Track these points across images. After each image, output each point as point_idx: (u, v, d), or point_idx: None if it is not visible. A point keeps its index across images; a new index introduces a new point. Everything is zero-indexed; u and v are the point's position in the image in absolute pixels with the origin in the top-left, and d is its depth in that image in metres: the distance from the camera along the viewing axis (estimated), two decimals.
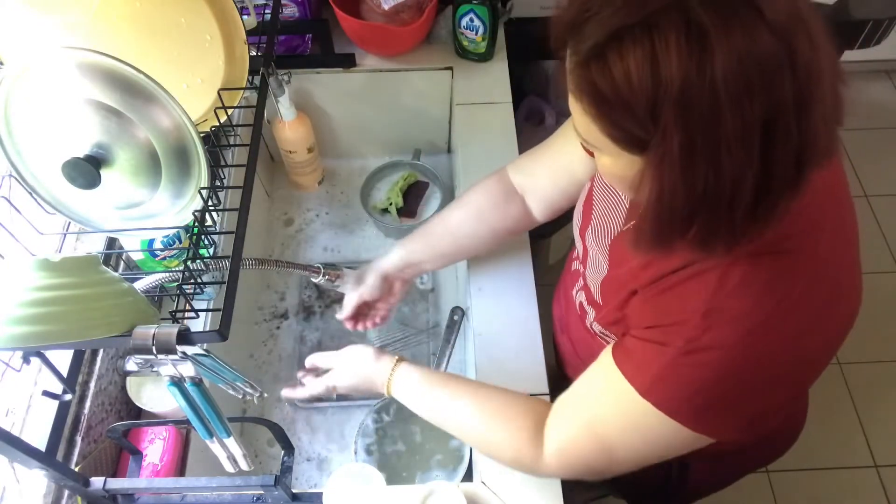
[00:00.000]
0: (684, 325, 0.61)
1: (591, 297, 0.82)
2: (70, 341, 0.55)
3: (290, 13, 1.24)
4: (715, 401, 0.63)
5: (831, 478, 1.79)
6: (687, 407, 0.63)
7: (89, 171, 0.61)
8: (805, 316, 0.60)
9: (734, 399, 0.63)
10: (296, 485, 1.11)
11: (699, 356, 0.61)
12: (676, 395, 0.63)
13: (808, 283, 0.60)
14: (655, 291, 0.65)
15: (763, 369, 0.61)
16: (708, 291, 0.60)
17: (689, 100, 0.46)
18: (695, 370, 0.61)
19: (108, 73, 0.59)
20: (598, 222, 0.80)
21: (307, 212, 1.42)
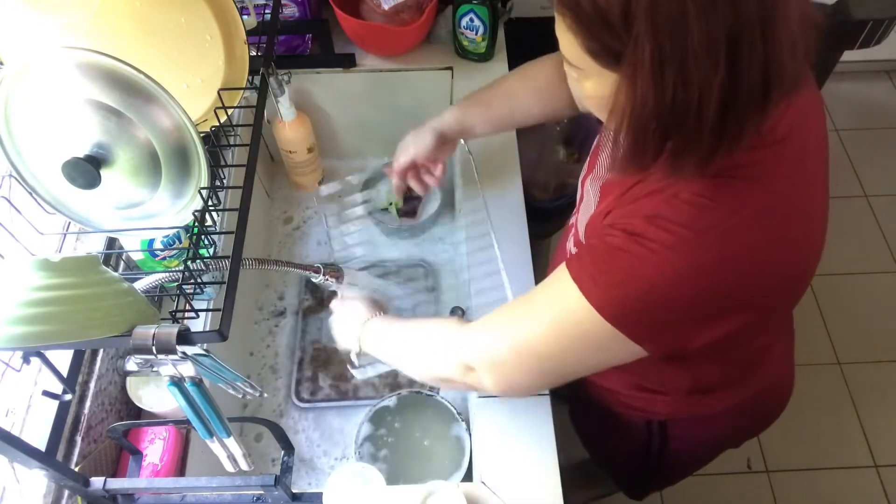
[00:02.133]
0: (630, 225, 0.63)
1: (577, 239, 0.84)
2: (70, 341, 0.55)
3: (290, 13, 1.24)
4: (638, 298, 0.62)
5: (831, 478, 1.79)
6: (609, 295, 0.63)
7: (89, 171, 0.61)
8: (748, 240, 0.61)
9: (656, 301, 0.62)
10: (296, 485, 1.11)
11: (633, 248, 0.61)
12: (602, 281, 0.63)
13: (759, 210, 0.61)
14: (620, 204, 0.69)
15: (692, 280, 0.61)
16: (656, 200, 0.63)
17: (658, 9, 0.49)
18: (625, 261, 0.62)
19: (108, 73, 0.59)
20: (599, 169, 0.82)
21: (307, 211, 1.42)
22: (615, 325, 0.63)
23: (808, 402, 1.90)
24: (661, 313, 0.63)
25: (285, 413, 1.18)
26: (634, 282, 0.62)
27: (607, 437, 0.98)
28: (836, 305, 2.06)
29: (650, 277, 0.61)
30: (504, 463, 0.89)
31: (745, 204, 0.61)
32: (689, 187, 0.61)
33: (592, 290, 0.63)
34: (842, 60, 1.54)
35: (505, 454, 0.90)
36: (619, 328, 0.63)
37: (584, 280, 0.64)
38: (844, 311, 2.05)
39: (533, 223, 1.11)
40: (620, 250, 0.63)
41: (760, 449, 1.83)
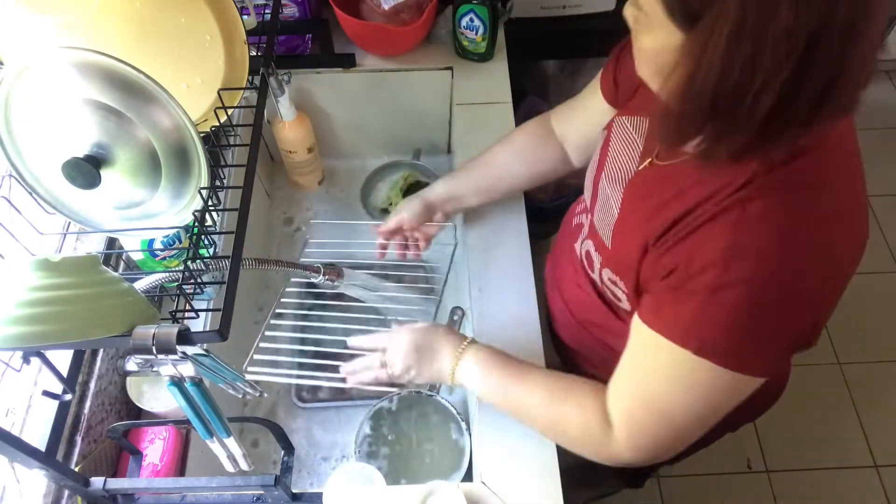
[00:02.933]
0: (706, 266, 0.62)
1: (601, 243, 0.82)
2: (70, 341, 0.55)
3: (290, 13, 1.24)
4: (752, 337, 0.63)
5: (831, 478, 1.79)
6: (726, 348, 0.63)
7: (89, 171, 0.61)
8: (821, 246, 0.61)
9: (768, 332, 0.63)
10: (296, 485, 1.11)
11: (727, 293, 0.61)
12: (713, 338, 0.63)
13: (824, 214, 0.61)
14: (671, 242, 0.66)
15: (789, 299, 0.62)
16: (727, 228, 0.61)
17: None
18: (725, 308, 0.61)
19: (107, 73, 0.59)
20: (612, 166, 0.81)
21: (307, 211, 1.42)
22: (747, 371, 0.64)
23: (808, 402, 1.90)
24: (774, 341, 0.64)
25: (285, 413, 1.18)
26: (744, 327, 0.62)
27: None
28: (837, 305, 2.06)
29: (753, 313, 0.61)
30: (504, 463, 0.89)
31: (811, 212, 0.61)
32: (751, 208, 0.60)
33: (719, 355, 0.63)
34: None
35: (505, 454, 0.90)
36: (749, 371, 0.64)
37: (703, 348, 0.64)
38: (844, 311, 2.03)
39: (533, 223, 1.11)
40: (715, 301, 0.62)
41: (760, 449, 1.83)
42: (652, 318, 0.67)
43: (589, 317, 0.92)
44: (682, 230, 0.65)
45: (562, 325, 1.02)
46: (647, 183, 0.74)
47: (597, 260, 0.84)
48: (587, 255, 0.87)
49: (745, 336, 0.63)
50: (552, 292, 1.03)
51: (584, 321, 0.94)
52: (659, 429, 0.71)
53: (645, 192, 0.74)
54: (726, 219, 0.61)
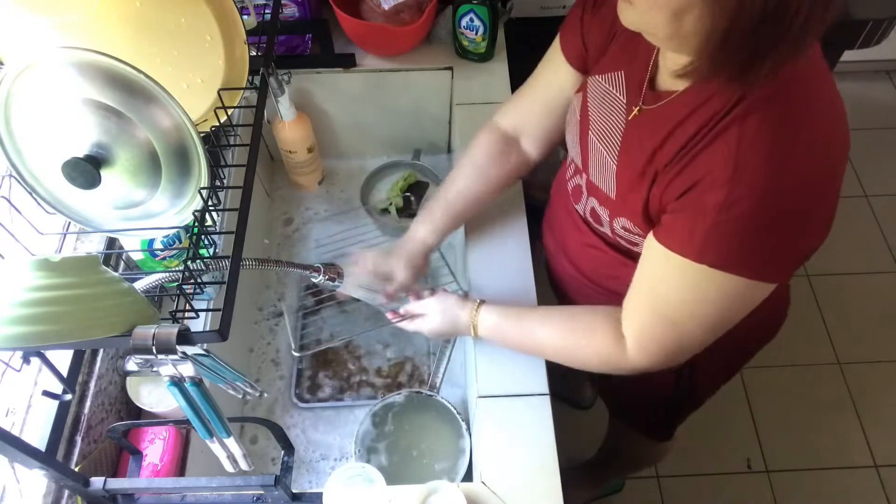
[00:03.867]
0: (714, 185, 0.65)
1: (604, 197, 0.84)
2: (70, 341, 0.55)
3: (290, 13, 1.24)
4: (764, 244, 0.67)
5: (831, 478, 1.79)
6: (741, 257, 0.67)
7: (89, 170, 0.61)
8: (819, 145, 0.65)
9: (780, 238, 0.67)
10: (295, 484, 1.11)
11: (737, 208, 0.64)
12: (728, 249, 0.67)
13: (815, 112, 0.66)
14: (679, 165, 0.69)
15: (796, 202, 0.65)
16: (730, 146, 0.64)
17: None
18: (738, 222, 0.65)
19: (107, 73, 0.59)
20: (598, 124, 0.84)
21: (307, 211, 1.42)
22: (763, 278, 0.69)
23: (808, 402, 1.90)
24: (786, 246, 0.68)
25: (285, 413, 1.18)
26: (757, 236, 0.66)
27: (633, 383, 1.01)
28: (836, 305, 2.06)
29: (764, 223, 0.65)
30: (504, 463, 0.89)
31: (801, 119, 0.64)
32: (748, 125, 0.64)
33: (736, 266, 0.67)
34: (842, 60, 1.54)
35: (505, 454, 0.90)
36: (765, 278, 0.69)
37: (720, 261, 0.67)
38: (844, 311, 2.05)
39: (533, 223, 1.11)
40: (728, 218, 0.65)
41: (760, 449, 1.83)
42: (666, 238, 0.71)
43: (603, 272, 0.94)
44: (688, 154, 0.69)
45: (572, 288, 1.04)
46: (642, 127, 0.77)
47: (604, 214, 0.86)
48: (592, 212, 0.89)
49: (757, 245, 0.67)
50: (557, 258, 1.05)
51: (598, 278, 0.96)
52: (672, 337, 0.76)
53: (641, 135, 0.76)
54: (727, 137, 0.65)
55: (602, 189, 0.85)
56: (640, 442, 1.35)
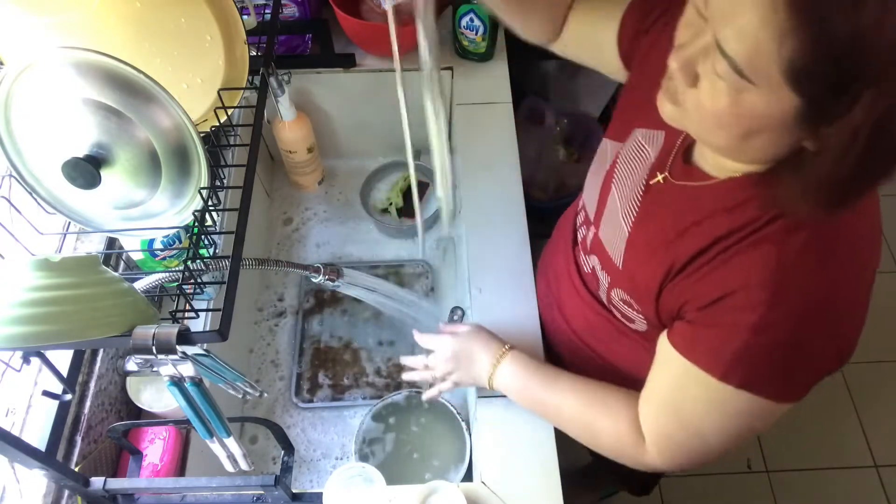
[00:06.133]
0: (749, 304, 0.60)
1: (608, 260, 0.79)
2: (70, 341, 0.55)
3: (290, 13, 1.24)
4: (794, 368, 0.63)
5: (831, 478, 1.79)
6: (769, 380, 0.63)
7: (89, 170, 0.61)
8: (857, 275, 0.62)
9: (811, 362, 0.63)
10: (296, 484, 1.11)
11: (772, 332, 0.60)
12: (757, 373, 0.63)
13: (856, 239, 0.61)
14: (706, 268, 0.64)
15: (832, 329, 0.62)
16: (769, 264, 0.59)
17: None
18: (771, 345, 0.61)
19: (107, 73, 0.59)
20: (622, 181, 0.77)
21: (307, 211, 1.42)
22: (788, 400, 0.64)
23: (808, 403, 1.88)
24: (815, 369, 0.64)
25: (285, 413, 1.18)
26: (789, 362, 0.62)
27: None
28: None
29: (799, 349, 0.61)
30: (504, 463, 0.89)
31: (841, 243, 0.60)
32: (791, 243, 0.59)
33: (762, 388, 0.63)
34: None
35: (505, 454, 0.90)
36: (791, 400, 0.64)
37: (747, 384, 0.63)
38: None
39: (533, 223, 1.11)
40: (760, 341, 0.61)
41: (760, 449, 1.83)
42: (688, 349, 0.66)
43: (597, 335, 0.89)
44: (716, 257, 0.63)
45: (565, 346, 0.98)
46: (666, 201, 0.71)
47: (604, 279, 0.81)
48: (592, 273, 0.84)
49: (788, 369, 0.63)
50: (549, 311, 1.00)
51: (592, 342, 0.91)
52: (693, 446, 0.71)
53: (664, 210, 0.71)
54: (766, 252, 0.59)
55: (608, 251, 0.79)
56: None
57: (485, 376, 0.87)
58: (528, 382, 0.85)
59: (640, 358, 0.79)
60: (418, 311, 1.24)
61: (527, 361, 0.86)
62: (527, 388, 0.85)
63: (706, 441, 0.70)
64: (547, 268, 1.02)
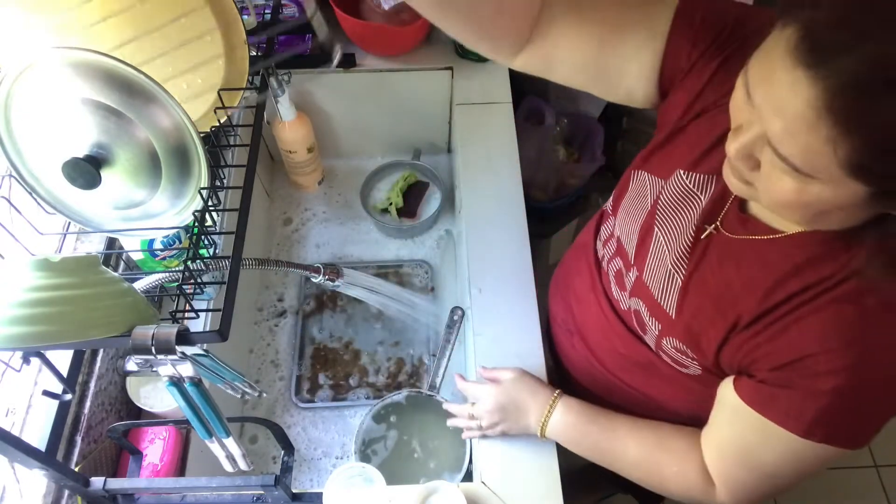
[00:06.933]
0: (832, 368, 0.59)
1: (657, 308, 0.75)
2: (69, 341, 0.55)
3: (290, 13, 1.24)
4: (872, 422, 0.63)
5: (831, 478, 1.79)
6: (851, 434, 0.64)
7: (89, 171, 0.61)
8: None
9: (887, 415, 0.63)
10: (297, 482, 1.11)
11: (856, 393, 0.60)
12: (841, 430, 0.63)
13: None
14: (773, 325, 0.63)
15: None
16: (849, 326, 0.58)
17: None
18: (859, 405, 0.61)
19: (106, 73, 0.59)
20: (669, 221, 0.73)
21: (307, 212, 1.42)
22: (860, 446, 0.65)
23: None
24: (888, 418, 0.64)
25: (285, 412, 1.18)
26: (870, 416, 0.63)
27: None
28: None
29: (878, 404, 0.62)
30: (504, 463, 0.89)
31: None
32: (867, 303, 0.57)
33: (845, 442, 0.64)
34: None
35: (505, 454, 0.90)
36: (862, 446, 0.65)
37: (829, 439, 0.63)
38: None
39: (533, 223, 1.11)
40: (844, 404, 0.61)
41: None
42: (764, 407, 0.65)
43: (630, 371, 0.86)
44: (789, 315, 0.62)
45: (582, 371, 0.95)
46: (726, 253, 0.68)
47: (652, 325, 0.76)
48: (637, 315, 0.79)
49: (867, 423, 0.63)
50: (567, 336, 0.96)
51: (622, 374, 0.88)
52: (764, 488, 0.72)
53: (726, 263, 0.67)
54: (843, 312, 0.58)
55: (657, 299, 0.74)
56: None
57: (535, 427, 0.86)
58: (586, 430, 0.83)
59: (687, 395, 0.80)
60: (418, 311, 1.24)
61: (579, 409, 0.84)
62: (586, 438, 0.83)
63: (777, 483, 0.70)
64: (566, 290, 0.97)
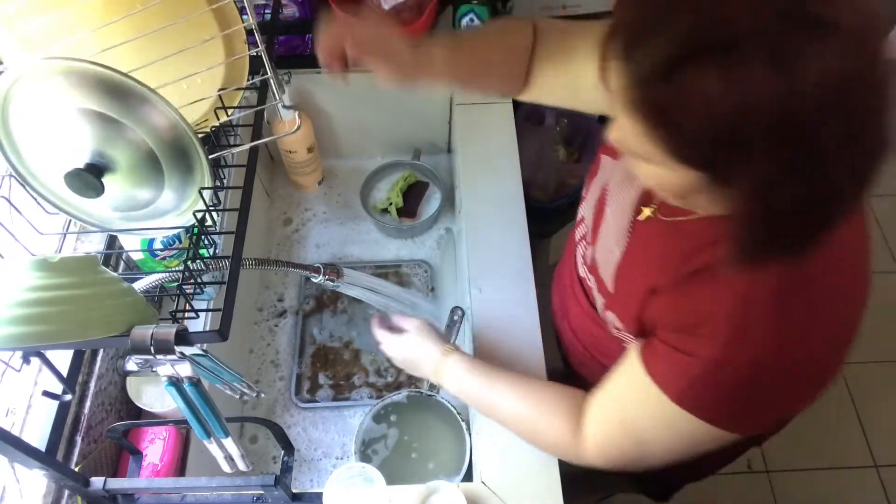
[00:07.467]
0: (714, 336, 0.61)
1: (601, 282, 0.80)
2: (69, 341, 0.55)
3: (290, 13, 1.24)
4: (748, 405, 0.64)
5: (831, 478, 1.79)
6: (719, 412, 0.64)
7: (90, 181, 0.60)
8: (826, 318, 0.62)
9: (767, 401, 0.65)
10: (297, 483, 1.11)
11: (731, 369, 0.61)
12: (709, 403, 0.64)
13: (831, 286, 0.62)
14: (679, 292, 0.65)
15: (794, 375, 0.63)
16: (736, 300, 0.60)
17: (779, 122, 0.45)
18: (727, 381, 0.62)
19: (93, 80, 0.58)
20: (616, 203, 0.77)
21: (307, 212, 1.42)
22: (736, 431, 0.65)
23: None
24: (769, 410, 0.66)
25: (285, 412, 1.18)
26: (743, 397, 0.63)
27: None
28: None
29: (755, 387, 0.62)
30: (504, 463, 0.89)
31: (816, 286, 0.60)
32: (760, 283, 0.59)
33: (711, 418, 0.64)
34: None
35: (505, 454, 0.90)
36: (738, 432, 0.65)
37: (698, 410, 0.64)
38: None
39: (533, 223, 1.11)
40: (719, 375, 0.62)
41: (760, 449, 1.83)
42: (651, 364, 0.68)
43: (601, 349, 0.89)
44: (696, 282, 0.64)
45: (572, 354, 0.99)
46: (656, 235, 0.72)
47: (599, 301, 0.81)
48: (590, 291, 0.85)
49: (740, 406, 0.64)
50: (561, 322, 1.00)
51: (596, 353, 0.91)
52: (636, 453, 0.73)
53: (653, 243, 0.72)
54: (736, 289, 0.60)
55: (601, 275, 0.79)
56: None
57: (431, 377, 0.90)
58: (472, 382, 0.86)
59: None
60: (418, 311, 1.24)
61: (468, 364, 0.87)
62: (470, 390, 0.86)
63: (646, 450, 0.72)
64: (560, 279, 1.02)
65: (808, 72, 0.44)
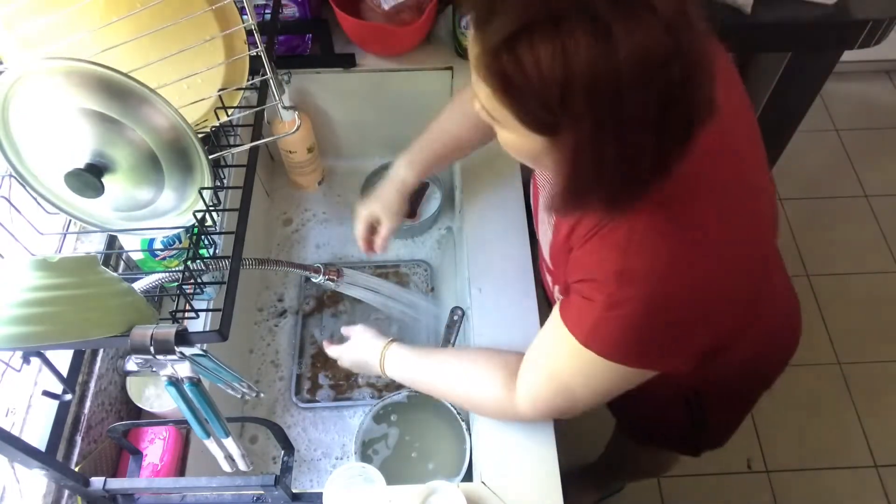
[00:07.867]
0: (603, 282, 0.68)
1: (549, 267, 0.86)
2: (69, 341, 0.55)
3: (290, 13, 1.24)
4: (646, 343, 0.70)
5: (831, 478, 1.79)
6: (623, 351, 0.70)
7: (91, 181, 0.61)
8: (711, 252, 0.67)
9: (663, 338, 0.70)
10: (297, 483, 1.11)
11: (620, 309, 0.67)
12: (610, 343, 0.70)
13: (701, 228, 0.67)
14: (582, 250, 0.72)
15: (681, 309, 0.68)
16: (618, 249, 0.67)
17: (597, 88, 0.52)
18: (619, 321, 0.68)
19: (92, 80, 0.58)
20: (545, 191, 0.85)
21: (307, 212, 1.42)
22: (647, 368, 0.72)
23: (808, 402, 1.90)
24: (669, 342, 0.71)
25: (285, 412, 1.18)
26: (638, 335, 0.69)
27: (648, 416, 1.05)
28: (836, 305, 2.06)
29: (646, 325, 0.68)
30: (504, 463, 0.89)
31: (688, 228, 0.66)
32: (636, 229, 0.66)
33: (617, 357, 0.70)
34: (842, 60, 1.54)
35: (505, 454, 0.90)
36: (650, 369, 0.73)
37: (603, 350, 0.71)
38: (844, 310, 2.05)
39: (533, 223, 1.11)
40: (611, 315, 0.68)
41: (760, 449, 1.83)
42: (564, 313, 0.74)
43: None
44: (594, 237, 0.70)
45: None
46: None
47: (550, 280, 0.88)
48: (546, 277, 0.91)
49: (638, 342, 0.70)
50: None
51: None
52: (562, 401, 0.80)
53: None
54: (618, 237, 0.67)
55: (545, 255, 0.86)
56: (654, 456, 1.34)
57: (378, 371, 0.97)
58: (413, 366, 0.94)
59: None
60: (418, 311, 1.24)
61: (406, 352, 0.95)
62: (412, 372, 0.94)
63: (573, 397, 0.78)
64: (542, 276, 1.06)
65: (622, 44, 0.50)
